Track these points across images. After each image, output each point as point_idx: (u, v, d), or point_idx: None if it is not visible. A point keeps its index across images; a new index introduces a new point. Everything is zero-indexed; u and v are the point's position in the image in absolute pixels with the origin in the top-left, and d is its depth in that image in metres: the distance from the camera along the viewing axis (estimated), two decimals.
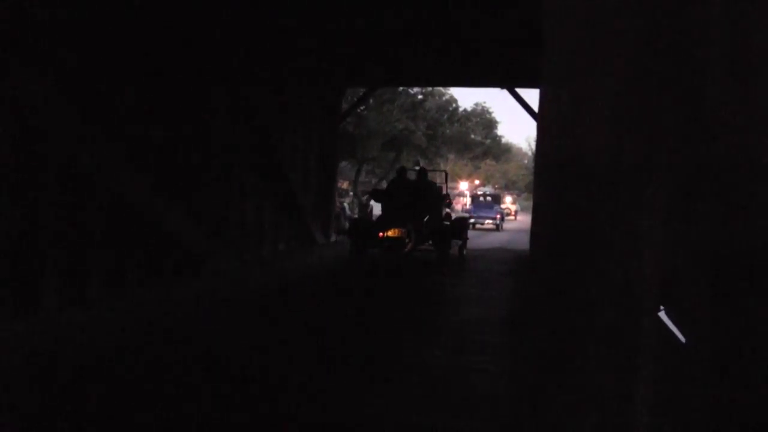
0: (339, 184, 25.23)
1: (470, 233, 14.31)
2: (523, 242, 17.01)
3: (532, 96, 23.30)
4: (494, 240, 19.53)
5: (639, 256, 1.45)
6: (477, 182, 51.27)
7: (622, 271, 1.45)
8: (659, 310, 1.47)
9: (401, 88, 28.29)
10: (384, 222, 11.00)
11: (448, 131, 36.15)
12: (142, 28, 8.59)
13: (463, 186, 44.69)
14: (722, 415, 1.44)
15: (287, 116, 14.48)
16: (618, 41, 1.42)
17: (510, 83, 17.36)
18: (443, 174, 17.00)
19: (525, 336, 1.53)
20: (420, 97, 31.41)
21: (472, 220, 18.21)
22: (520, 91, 17.38)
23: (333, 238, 18.56)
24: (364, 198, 22.21)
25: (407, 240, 10.54)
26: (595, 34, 1.43)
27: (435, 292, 9.18)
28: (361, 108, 25.01)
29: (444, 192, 13.54)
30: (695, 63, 1.39)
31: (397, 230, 10.63)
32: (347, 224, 21.52)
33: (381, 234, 10.73)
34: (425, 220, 11.19)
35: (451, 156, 44.94)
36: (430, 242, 11.22)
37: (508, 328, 6.62)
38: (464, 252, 12.73)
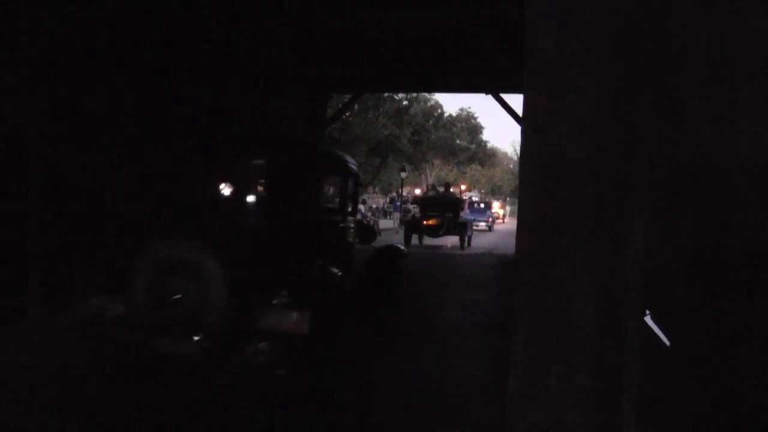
0: None
1: None
2: (510, 246, 18.19)
3: (516, 101, 23.62)
4: (485, 243, 22.07)
5: (622, 259, 1.47)
6: (463, 187, 51.37)
7: (606, 274, 1.47)
8: (643, 313, 1.48)
9: (386, 94, 28.32)
10: (426, 216, 18.88)
11: (433, 137, 36.22)
12: (125, 35, 8.55)
13: None
14: (705, 413, 1.45)
15: (272, 122, 14.45)
16: (597, 51, 1.44)
17: (495, 88, 17.42)
18: (458, 188, 31.85)
19: (510, 339, 1.54)
20: (405, 102, 31.45)
21: None
22: (505, 96, 17.43)
23: None
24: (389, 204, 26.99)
25: (441, 227, 18.56)
26: (574, 44, 1.45)
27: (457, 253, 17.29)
28: (347, 114, 25.01)
29: (462, 199, 23.70)
30: (673, 71, 1.42)
31: (435, 220, 18.59)
32: None
33: (425, 222, 18.69)
34: (450, 216, 19.01)
35: (437, 161, 45.00)
36: (454, 230, 18.96)
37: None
38: (471, 242, 19.95)
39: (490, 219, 31.82)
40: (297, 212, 5.30)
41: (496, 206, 43.02)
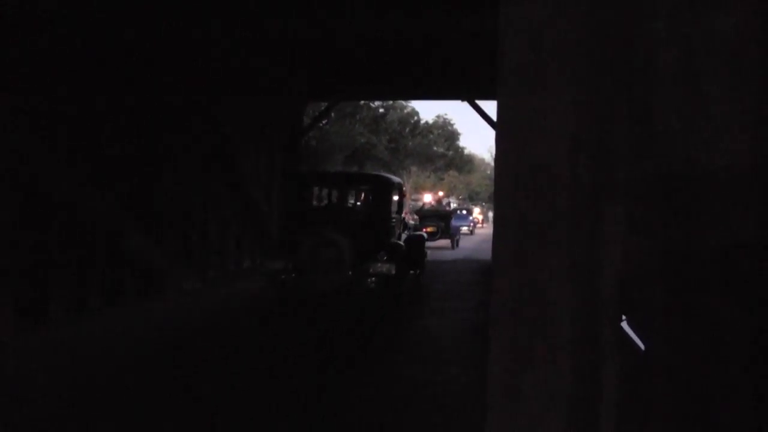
0: None
1: None
2: (488, 251, 19.54)
3: (492, 107, 24.02)
4: (469, 244, 27.54)
5: (599, 265, 1.47)
6: (441, 194, 51.52)
7: (583, 280, 1.47)
8: (620, 319, 1.49)
9: (363, 102, 28.37)
10: (424, 225, 23.97)
11: (410, 144, 36.30)
12: (101, 45, 8.47)
13: (427, 198, 45.11)
14: (684, 418, 1.46)
15: (248, 132, 14.40)
16: (571, 58, 1.45)
17: (470, 95, 17.53)
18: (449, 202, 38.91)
19: (489, 346, 1.54)
20: (381, 110, 31.51)
21: None
22: (481, 102, 17.55)
23: None
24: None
25: (437, 233, 24.54)
26: (547, 51, 1.46)
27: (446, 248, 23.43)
28: (323, 122, 24.98)
29: (452, 212, 30.36)
30: (646, 79, 1.43)
31: (432, 228, 24.34)
32: None
33: (424, 230, 21.78)
34: (443, 225, 25.38)
35: (414, 168, 45.11)
36: (446, 235, 25.11)
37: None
38: (459, 244, 26.18)
39: (472, 224, 37.83)
40: (384, 213, 10.32)
41: (476, 212, 44.42)
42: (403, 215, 12.05)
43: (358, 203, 12.29)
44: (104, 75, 8.61)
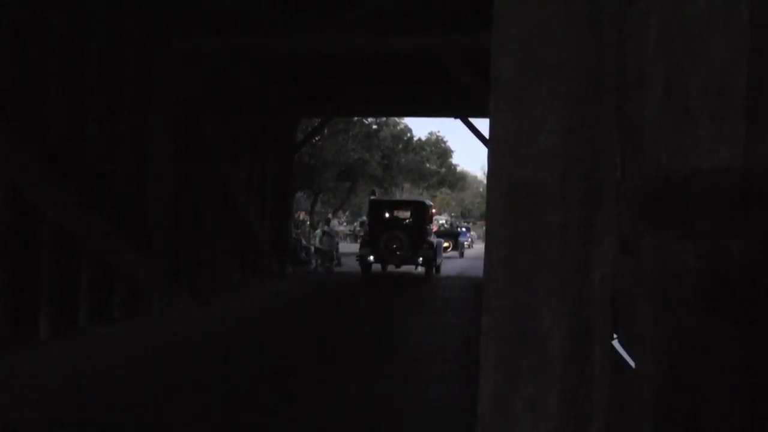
0: (295, 215, 25.18)
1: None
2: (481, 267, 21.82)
3: (485, 125, 24.09)
4: (471, 254, 34.45)
5: (589, 283, 1.48)
6: (433, 211, 51.63)
7: (573, 298, 1.48)
8: (611, 336, 1.49)
9: (356, 118, 28.44)
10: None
11: (403, 160, 36.36)
12: (89, 61, 8.49)
13: None
14: None
15: (241, 147, 14.41)
16: (563, 78, 1.47)
17: (463, 113, 17.62)
18: (456, 221, 49.07)
19: (480, 363, 1.54)
20: (374, 127, 31.58)
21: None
22: (474, 120, 17.64)
23: (289, 270, 18.38)
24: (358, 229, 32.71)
25: (449, 247, 31.69)
26: (540, 70, 1.48)
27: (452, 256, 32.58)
28: (316, 138, 25.02)
29: (458, 228, 40.53)
30: (635, 100, 1.45)
31: (446, 242, 28.96)
32: (304, 255, 21.37)
33: None
34: (454, 241, 34.29)
35: (407, 185, 45.19)
36: (455, 248, 33.93)
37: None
38: (464, 254, 34.40)
39: (470, 239, 44.34)
40: (423, 223, 19.40)
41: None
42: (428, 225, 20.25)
43: (409, 217, 19.72)
44: (94, 88, 8.61)
